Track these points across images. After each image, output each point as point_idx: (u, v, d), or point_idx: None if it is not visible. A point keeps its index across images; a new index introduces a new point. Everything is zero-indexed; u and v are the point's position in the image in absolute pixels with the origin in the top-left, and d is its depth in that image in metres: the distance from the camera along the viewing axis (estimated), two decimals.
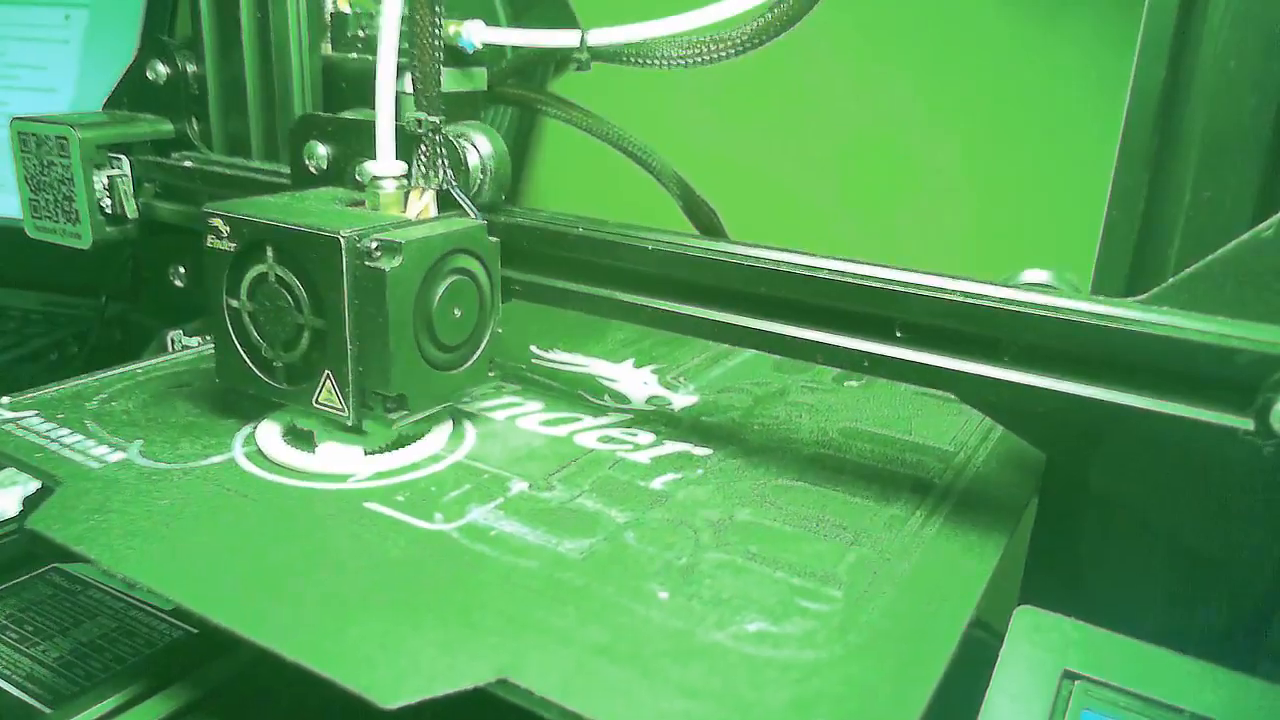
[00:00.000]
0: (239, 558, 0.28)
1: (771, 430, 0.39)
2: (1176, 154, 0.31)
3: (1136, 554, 0.31)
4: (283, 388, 0.33)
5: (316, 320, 0.32)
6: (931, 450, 0.37)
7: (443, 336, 0.33)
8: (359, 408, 0.32)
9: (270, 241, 0.32)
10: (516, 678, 0.23)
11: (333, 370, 0.32)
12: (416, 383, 0.32)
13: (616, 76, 0.42)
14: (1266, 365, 0.24)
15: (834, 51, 0.62)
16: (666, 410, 0.41)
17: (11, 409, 0.36)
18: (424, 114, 0.35)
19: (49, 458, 0.33)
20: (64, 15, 0.76)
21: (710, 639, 0.25)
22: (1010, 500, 0.33)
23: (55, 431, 0.35)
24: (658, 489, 0.33)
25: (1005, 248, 0.59)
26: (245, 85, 0.51)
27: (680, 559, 0.28)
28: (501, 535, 0.29)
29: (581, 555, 0.28)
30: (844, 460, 0.36)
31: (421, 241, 0.31)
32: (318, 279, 0.31)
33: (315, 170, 0.40)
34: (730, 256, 0.33)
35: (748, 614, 0.26)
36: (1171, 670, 0.25)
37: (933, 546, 0.30)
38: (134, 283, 0.64)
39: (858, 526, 0.31)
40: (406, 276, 0.31)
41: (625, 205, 0.43)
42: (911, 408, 0.41)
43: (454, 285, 0.33)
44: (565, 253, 0.36)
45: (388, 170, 0.35)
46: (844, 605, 0.27)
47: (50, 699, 0.31)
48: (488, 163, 0.37)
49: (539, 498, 0.32)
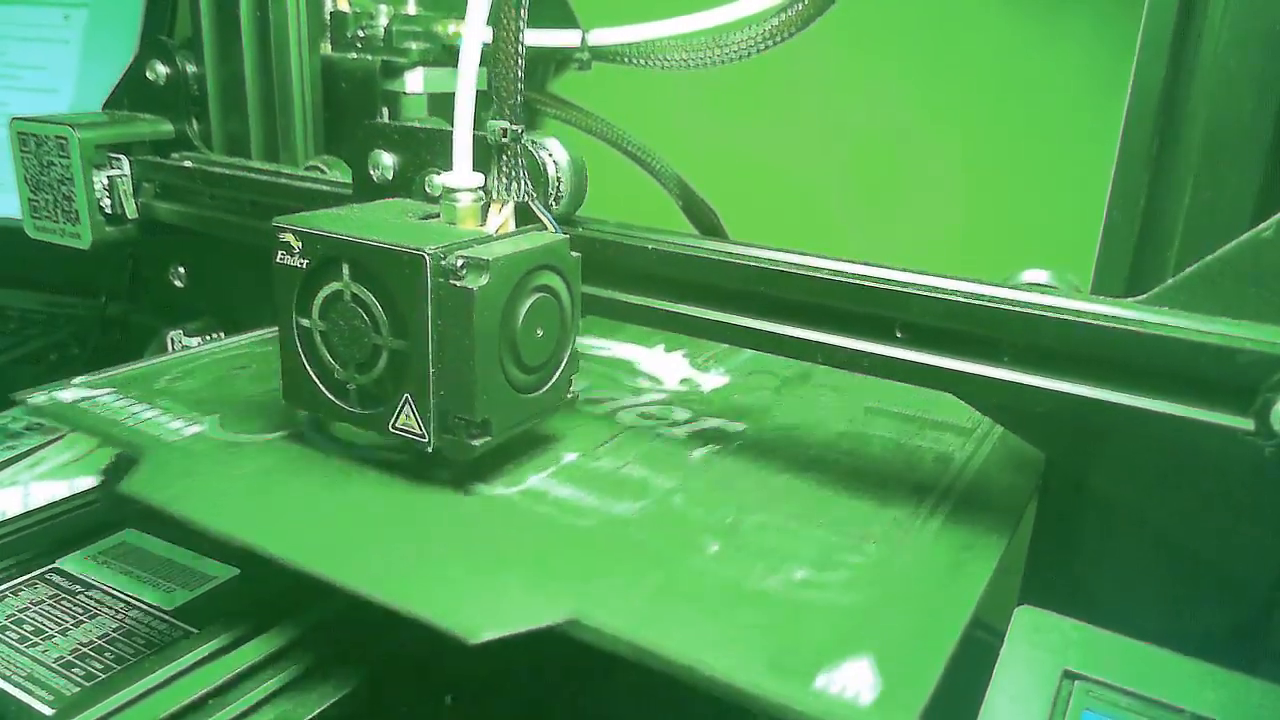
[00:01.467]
0: (322, 518, 0.30)
1: (799, 408, 0.41)
2: (1176, 154, 0.31)
3: (1136, 554, 0.31)
4: (356, 411, 0.32)
5: (395, 341, 0.30)
6: (950, 426, 0.39)
7: (526, 357, 0.31)
8: (440, 433, 0.30)
9: (346, 258, 0.31)
10: (587, 618, 0.25)
11: (413, 394, 0.30)
12: (500, 406, 0.31)
13: (616, 77, 0.42)
14: (1266, 366, 0.24)
15: (834, 52, 0.62)
16: (698, 391, 0.43)
17: (87, 387, 0.38)
18: (506, 123, 0.32)
19: (130, 431, 0.35)
20: (64, 15, 0.76)
21: (760, 585, 0.27)
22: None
23: (131, 408, 0.37)
24: (698, 459, 0.35)
25: (1005, 248, 0.59)
26: (245, 85, 0.51)
27: (726, 518, 0.31)
28: (559, 498, 0.32)
29: (635, 515, 0.31)
30: (869, 435, 0.38)
31: (508, 259, 0.30)
32: (398, 298, 0.30)
33: (379, 180, 0.39)
34: (730, 256, 0.33)
35: (792, 564, 0.28)
36: (1171, 670, 0.25)
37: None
38: (134, 283, 0.64)
39: (886, 492, 0.33)
40: (493, 295, 0.29)
41: (625, 205, 0.43)
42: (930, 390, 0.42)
43: (537, 303, 0.31)
44: None
45: (465, 182, 0.33)
46: (878, 557, 0.29)
47: (51, 699, 0.31)
48: (564, 173, 0.36)
49: (589, 466, 0.34)
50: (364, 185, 0.39)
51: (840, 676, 0.23)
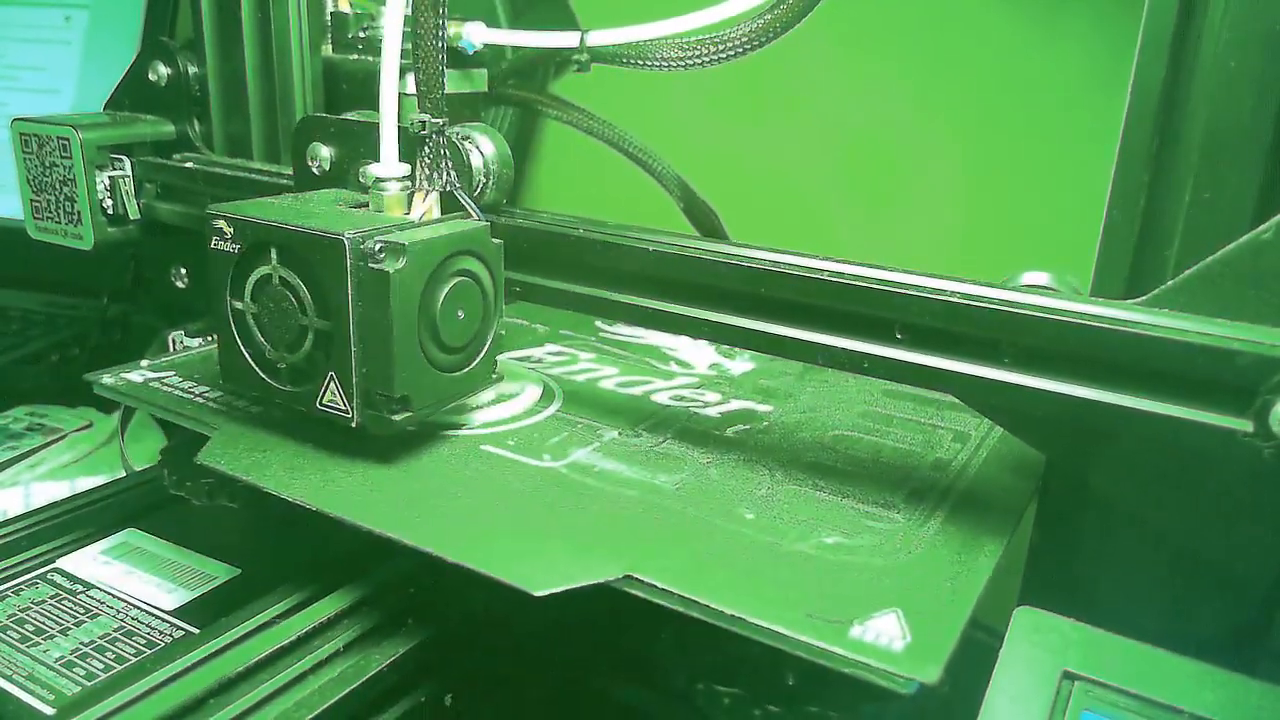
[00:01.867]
0: (387, 487, 0.32)
1: (823, 391, 0.43)
2: (1176, 154, 0.31)
3: (1136, 555, 0.31)
4: (286, 389, 0.34)
5: (320, 322, 0.32)
6: (966, 408, 0.39)
7: (446, 338, 0.33)
8: (363, 408, 0.32)
9: (274, 243, 0.32)
10: (640, 574, 0.27)
11: (336, 372, 0.32)
12: (420, 384, 0.32)
13: (616, 77, 0.42)
14: (1266, 367, 0.24)
15: (834, 52, 0.62)
16: (727, 374, 0.45)
17: (152, 370, 0.40)
18: (427, 116, 0.34)
19: (199, 409, 0.37)
20: (64, 16, 0.76)
21: (795, 548, 0.29)
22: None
23: (196, 388, 0.39)
24: (731, 437, 0.38)
25: (1005, 249, 0.59)
26: (246, 86, 0.51)
27: (759, 490, 0.33)
28: (603, 471, 0.34)
29: (675, 487, 0.33)
30: (891, 416, 0.40)
31: (425, 243, 0.31)
32: (322, 281, 0.31)
33: (318, 172, 0.40)
34: (730, 258, 0.33)
35: (824, 530, 0.30)
36: (1171, 671, 0.25)
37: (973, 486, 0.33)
38: (135, 283, 0.64)
39: (908, 466, 0.35)
40: (410, 278, 0.31)
41: (625, 206, 0.43)
42: None
43: (457, 287, 0.33)
44: (566, 254, 0.36)
45: (391, 172, 0.35)
46: (904, 525, 0.31)
47: (51, 699, 0.31)
48: (491, 164, 0.37)
49: (629, 442, 0.36)
50: (304, 177, 0.40)
51: (874, 626, 0.25)
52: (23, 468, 0.54)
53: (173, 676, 0.31)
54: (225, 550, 0.38)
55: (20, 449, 0.55)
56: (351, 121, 0.39)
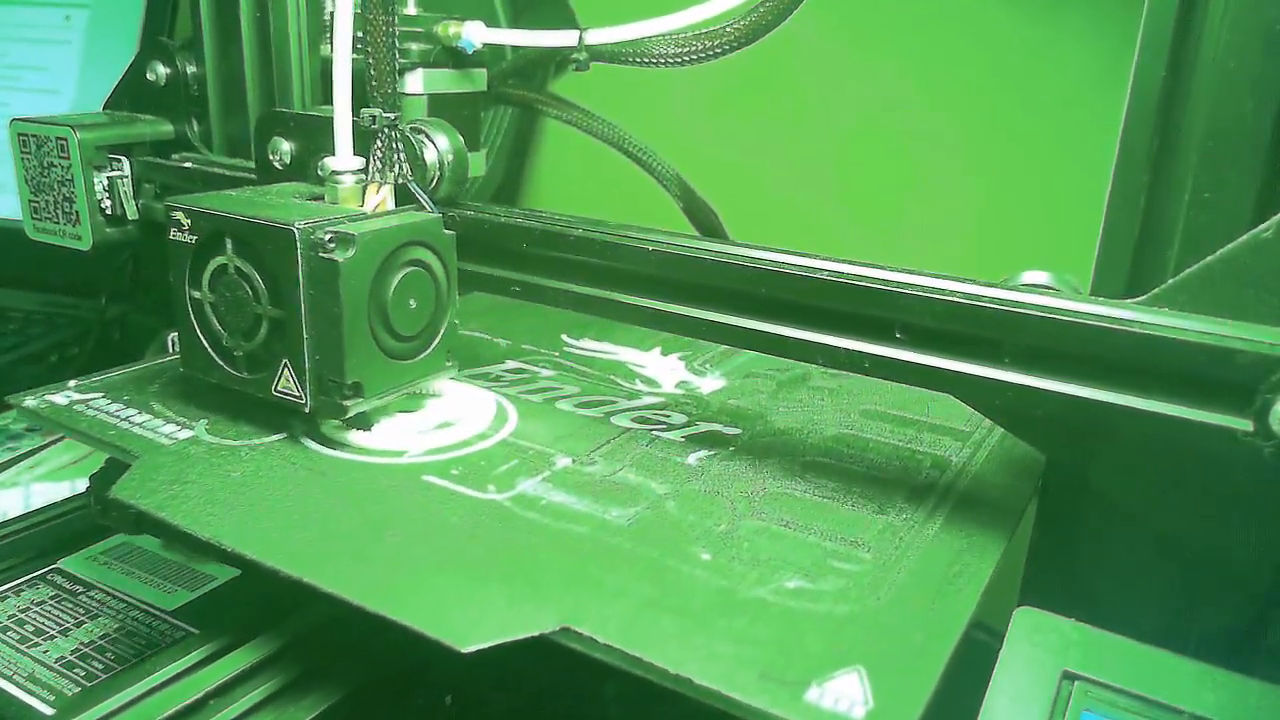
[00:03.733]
0: (313, 524, 0.29)
1: (796, 412, 0.41)
2: (1176, 154, 0.31)
3: (1136, 555, 0.31)
4: (243, 376, 0.34)
5: (274, 310, 0.33)
6: (948, 430, 0.39)
7: (398, 326, 0.34)
8: (316, 395, 0.33)
9: (229, 233, 0.33)
10: (578, 626, 0.25)
11: (290, 359, 0.33)
12: (372, 371, 0.33)
13: (616, 76, 0.42)
14: (1265, 366, 0.24)
15: (834, 51, 0.62)
16: (695, 394, 0.43)
17: (79, 391, 0.38)
18: (379, 110, 0.35)
19: (122, 435, 0.35)
20: (64, 16, 0.76)
21: (752, 594, 0.27)
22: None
23: (123, 411, 0.37)
24: (693, 464, 0.35)
25: (1005, 248, 0.59)
26: (245, 86, 0.50)
27: (719, 525, 0.31)
28: (551, 504, 0.31)
29: (627, 522, 0.31)
30: (866, 440, 0.38)
31: (375, 233, 0.32)
32: (275, 270, 0.32)
33: (280, 165, 0.40)
34: (730, 258, 0.33)
35: (785, 572, 0.28)
36: (1171, 671, 0.25)
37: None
38: (134, 284, 0.64)
39: (882, 499, 0.33)
40: (360, 267, 0.32)
41: (625, 206, 0.43)
42: (928, 393, 0.42)
43: (408, 276, 0.34)
44: (565, 254, 0.36)
45: (346, 165, 0.35)
46: (873, 566, 0.29)
47: (52, 699, 0.31)
48: (445, 158, 0.37)
49: (583, 471, 0.34)
50: (265, 170, 0.41)
51: (832, 689, 0.23)
52: (23, 468, 0.54)
53: (173, 677, 0.31)
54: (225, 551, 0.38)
55: (20, 449, 0.55)
56: (311, 116, 0.40)
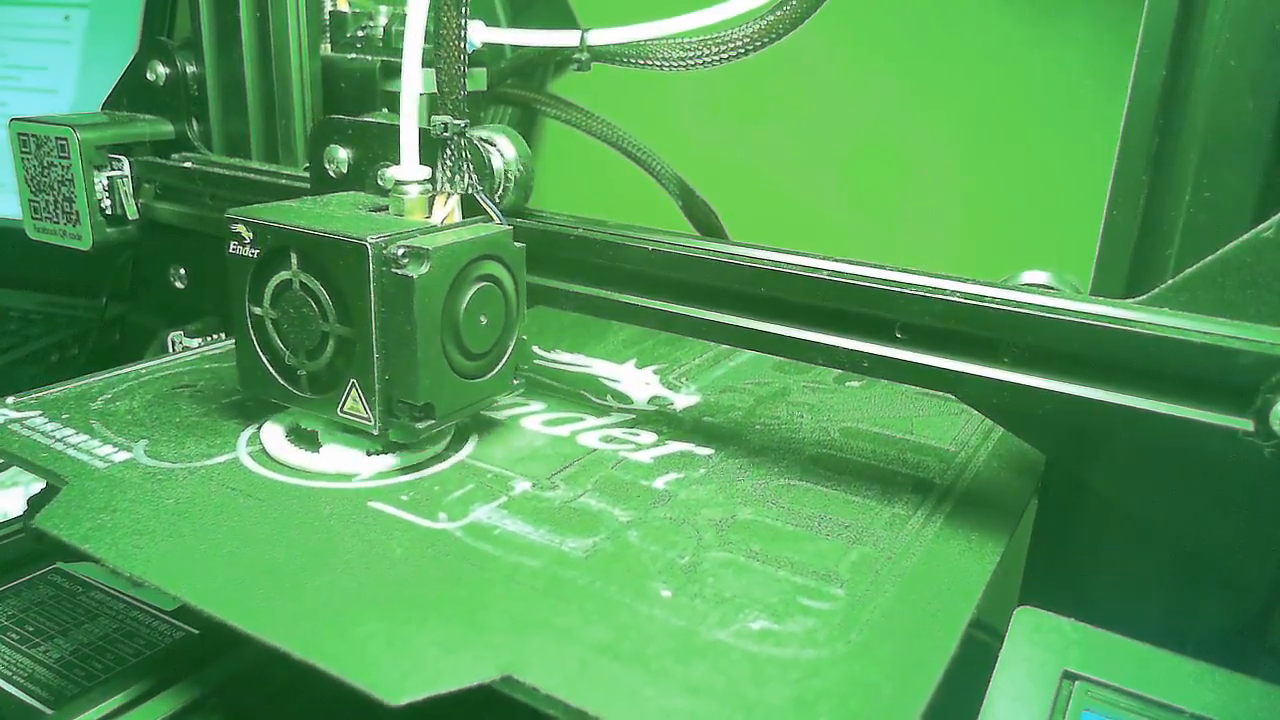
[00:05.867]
0: (245, 556, 0.27)
1: (773, 430, 0.39)
2: (1176, 154, 0.31)
3: (1136, 554, 0.31)
4: (307, 396, 0.33)
5: (342, 328, 0.31)
6: (932, 450, 0.37)
7: (469, 344, 0.32)
8: (385, 416, 0.31)
9: (295, 248, 0.31)
10: (521, 675, 0.23)
11: (358, 379, 0.31)
12: (443, 391, 0.31)
13: (616, 77, 0.42)
14: (1266, 366, 0.24)
15: (833, 52, 0.62)
16: (668, 410, 0.41)
17: (16, 409, 0.36)
18: (449, 117, 0.34)
19: (54, 457, 0.32)
20: (64, 16, 0.76)
21: (713, 637, 0.25)
22: (1010, 501, 0.33)
23: (60, 431, 0.34)
24: (660, 488, 0.33)
25: (1005, 248, 0.59)
26: (244, 86, 0.51)
27: (683, 558, 0.29)
28: (505, 534, 0.29)
29: (585, 554, 0.29)
30: (845, 460, 0.36)
31: (449, 248, 0.30)
32: (343, 286, 0.31)
33: (335, 174, 0.39)
34: (730, 257, 0.33)
35: (750, 612, 0.26)
36: (1171, 670, 0.25)
37: (934, 547, 0.30)
38: (134, 284, 0.64)
39: (859, 526, 0.31)
40: (434, 284, 0.30)
41: (625, 206, 0.43)
42: (913, 408, 0.41)
43: (480, 292, 0.32)
44: (565, 254, 0.36)
45: (411, 175, 0.34)
46: (846, 603, 0.27)
47: (51, 700, 0.31)
48: (511, 167, 0.37)
49: (542, 497, 0.32)
50: (320, 179, 0.40)
51: None
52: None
53: (173, 677, 0.31)
54: None
55: None
56: (370, 123, 0.38)
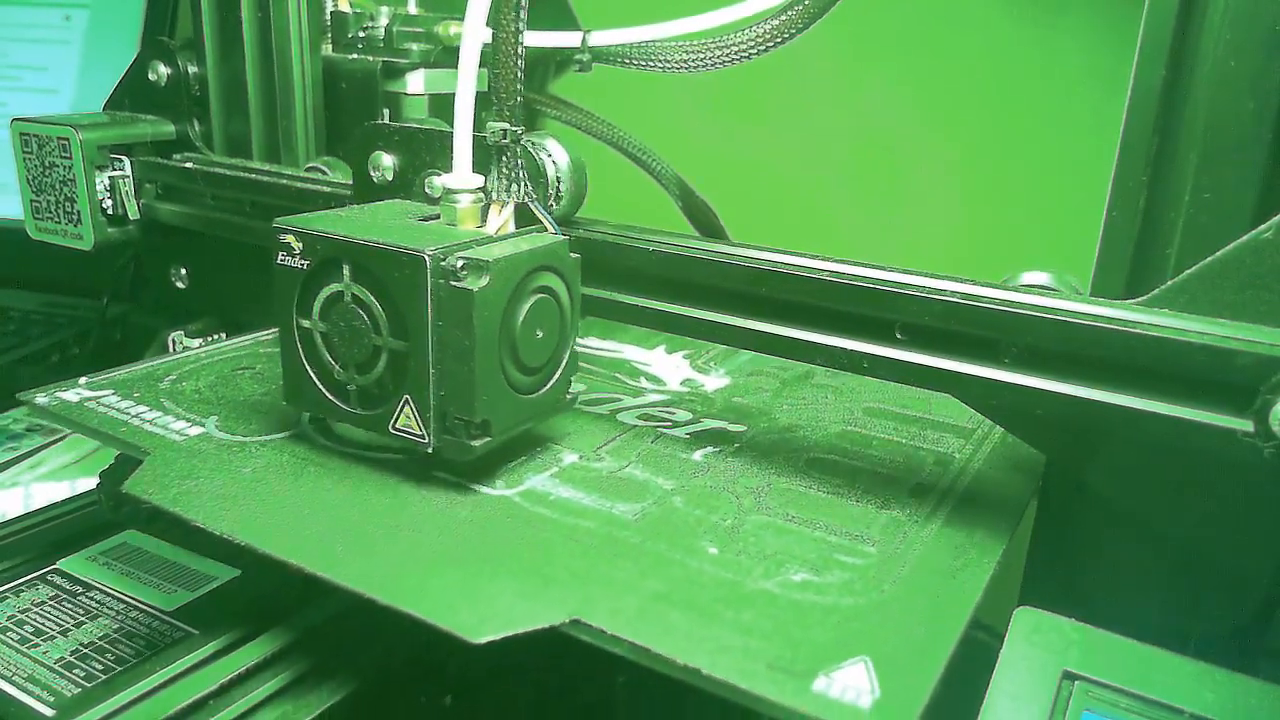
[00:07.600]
0: (323, 518, 0.30)
1: (800, 409, 0.41)
2: (1176, 154, 0.31)
3: (1136, 555, 0.31)
4: (356, 412, 0.32)
5: (396, 342, 0.30)
6: (951, 427, 0.39)
7: (525, 358, 0.31)
8: (440, 433, 0.31)
9: (347, 259, 0.31)
10: (588, 619, 0.25)
11: (412, 394, 0.30)
12: (500, 407, 0.31)
13: (616, 77, 0.42)
14: (1266, 367, 0.24)
15: (833, 52, 0.62)
16: (700, 391, 0.43)
17: (89, 388, 0.38)
18: (506, 124, 0.32)
19: (133, 431, 0.35)
20: (64, 16, 0.76)
21: (759, 587, 0.27)
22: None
23: (134, 409, 0.37)
24: (699, 460, 0.35)
25: (1005, 248, 0.59)
26: (246, 86, 0.51)
27: (725, 520, 0.31)
28: (560, 499, 0.31)
29: (634, 517, 0.31)
30: (870, 437, 0.38)
31: (508, 260, 0.30)
32: (398, 299, 0.30)
33: (380, 181, 0.38)
34: (730, 258, 0.33)
35: (791, 566, 0.28)
36: (1171, 671, 0.25)
37: (956, 512, 0.32)
38: (135, 284, 0.64)
39: (886, 494, 0.33)
40: (493, 297, 0.29)
41: (625, 206, 0.43)
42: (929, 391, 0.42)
43: (537, 304, 0.31)
44: None
45: (465, 183, 0.33)
46: (878, 559, 0.29)
47: (51, 700, 0.31)
48: (564, 174, 0.36)
49: (590, 467, 0.34)
50: (364, 186, 0.39)
51: (839, 679, 0.23)
52: (23, 468, 0.54)
53: (173, 677, 0.31)
54: (225, 551, 0.38)
55: (20, 449, 0.55)
56: (418, 129, 0.38)
